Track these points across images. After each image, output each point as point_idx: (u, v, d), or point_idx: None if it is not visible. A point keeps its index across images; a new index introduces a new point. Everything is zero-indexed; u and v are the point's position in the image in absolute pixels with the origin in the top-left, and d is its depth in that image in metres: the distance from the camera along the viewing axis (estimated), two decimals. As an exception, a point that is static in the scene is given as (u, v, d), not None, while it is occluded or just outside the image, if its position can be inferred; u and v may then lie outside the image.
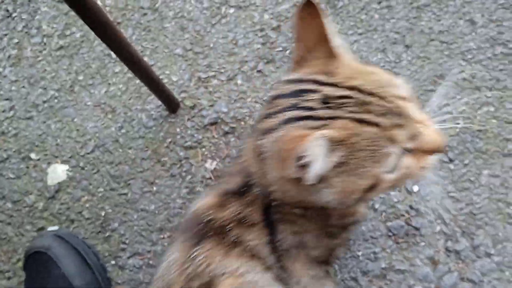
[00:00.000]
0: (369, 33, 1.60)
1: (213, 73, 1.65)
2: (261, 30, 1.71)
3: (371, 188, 0.68)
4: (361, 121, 0.65)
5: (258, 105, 1.56)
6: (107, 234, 1.38)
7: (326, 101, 0.67)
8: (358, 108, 0.65)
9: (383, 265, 1.27)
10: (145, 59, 1.69)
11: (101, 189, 1.45)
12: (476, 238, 1.26)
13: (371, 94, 0.66)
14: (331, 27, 0.71)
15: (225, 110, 1.56)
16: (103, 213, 1.41)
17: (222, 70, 1.65)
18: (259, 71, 1.63)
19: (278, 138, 0.68)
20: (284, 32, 1.68)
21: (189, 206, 0.89)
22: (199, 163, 1.47)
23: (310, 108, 0.67)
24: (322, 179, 0.67)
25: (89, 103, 1.62)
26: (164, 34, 1.76)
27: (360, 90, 0.66)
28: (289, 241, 0.80)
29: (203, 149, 1.50)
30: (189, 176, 1.45)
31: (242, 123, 1.53)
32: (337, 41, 0.71)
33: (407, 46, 1.55)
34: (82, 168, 1.49)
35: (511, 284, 1.20)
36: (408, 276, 1.25)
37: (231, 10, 1.78)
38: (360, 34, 1.61)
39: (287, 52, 1.65)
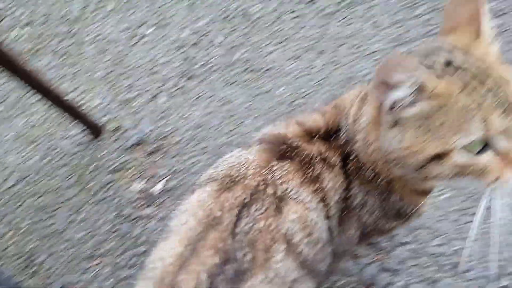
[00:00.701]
0: (284, 42, 1.65)
1: (135, 94, 1.65)
2: (181, 47, 1.73)
3: (438, 157, 0.68)
4: (467, 90, 0.66)
5: (183, 121, 1.57)
6: (35, 268, 1.36)
7: (449, 63, 0.69)
8: (472, 80, 0.66)
9: (311, 267, 1.30)
10: (66, 85, 1.67)
11: (26, 223, 1.42)
12: (395, 230, 1.31)
13: (492, 77, 0.67)
14: (486, 12, 0.73)
15: (149, 129, 1.56)
16: (29, 247, 1.39)
17: (145, 90, 1.66)
18: (181, 88, 1.64)
19: None
20: (204, 47, 1.71)
21: (264, 129, 0.92)
22: (126, 185, 1.47)
23: (432, 62, 0.70)
24: (399, 123, 0.70)
25: (8, 136, 1.59)
26: (84, 58, 1.75)
27: (484, 70, 0.67)
28: (357, 196, 0.84)
29: (130, 170, 1.49)
30: (117, 199, 1.44)
31: (167, 140, 1.54)
32: (486, 25, 0.73)
33: (319, 52, 1.60)
34: (5, 203, 1.46)
35: (427, 269, 1.26)
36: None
37: (150, 30, 1.79)
38: (276, 44, 1.66)
39: (208, 66, 1.67)
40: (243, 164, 0.82)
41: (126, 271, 1.31)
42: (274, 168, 0.80)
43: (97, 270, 1.33)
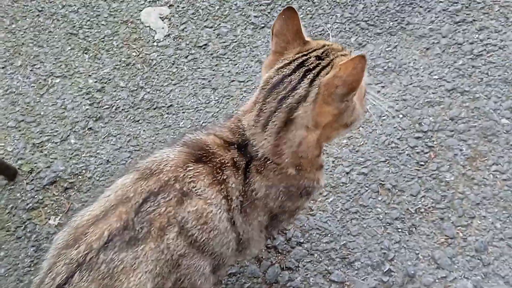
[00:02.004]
0: (182, 82, 1.89)
1: (46, 138, 1.80)
2: (88, 93, 1.91)
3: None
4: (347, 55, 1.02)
5: (93, 158, 1.73)
6: (-44, 306, 1.43)
7: (319, 57, 1.00)
8: (336, 52, 1.02)
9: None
10: (-24, 135, 1.78)
11: None
12: (288, 232, 1.55)
13: (336, 45, 1.05)
14: (302, 26, 1.05)
15: (62, 168, 1.71)
16: (-51, 288, 1.46)
17: (55, 133, 1.81)
18: (90, 129, 1.81)
19: (317, 91, 0.97)
20: (108, 92, 1.90)
21: (190, 134, 1.12)
22: (43, 222, 1.60)
23: (317, 65, 0.99)
24: (350, 99, 0.99)
25: None
26: (-6, 111, 1.87)
27: (328, 45, 1.04)
28: (259, 191, 1.05)
29: (46, 208, 1.63)
30: (34, 235, 1.57)
31: (80, 177, 1.69)
32: (306, 34, 1.07)
33: (213, 89, 1.85)
34: None
35: (320, 264, 1.50)
36: (240, 276, 1.49)
37: (57, 80, 1.96)
38: (175, 84, 1.90)
39: (114, 108, 1.86)
40: (164, 161, 1.04)
41: (49, 297, 1.42)
42: (189, 168, 1.02)
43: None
